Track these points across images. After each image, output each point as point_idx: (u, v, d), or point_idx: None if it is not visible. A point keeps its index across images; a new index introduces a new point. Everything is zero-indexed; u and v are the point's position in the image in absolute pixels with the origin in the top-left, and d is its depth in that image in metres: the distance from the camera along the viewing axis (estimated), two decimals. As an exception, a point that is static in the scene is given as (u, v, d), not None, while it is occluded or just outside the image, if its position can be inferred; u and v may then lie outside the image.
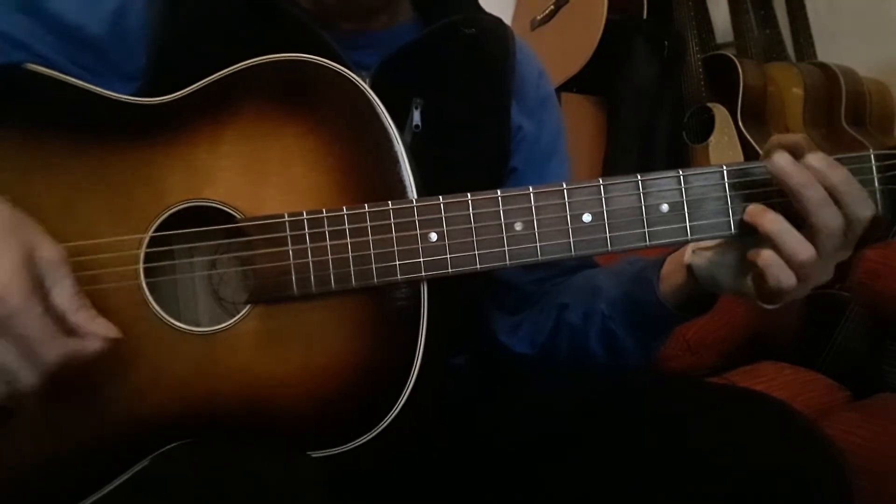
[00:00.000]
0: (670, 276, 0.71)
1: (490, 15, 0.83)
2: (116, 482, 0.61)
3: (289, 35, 0.71)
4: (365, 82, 0.65)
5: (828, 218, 0.58)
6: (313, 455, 0.61)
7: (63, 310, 0.57)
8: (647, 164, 1.86)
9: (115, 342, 0.58)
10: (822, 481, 0.59)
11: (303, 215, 0.62)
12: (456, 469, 0.74)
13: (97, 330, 0.57)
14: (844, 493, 0.59)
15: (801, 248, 0.58)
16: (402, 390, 0.61)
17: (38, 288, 0.56)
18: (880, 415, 1.16)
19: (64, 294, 0.57)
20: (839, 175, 0.59)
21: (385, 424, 0.61)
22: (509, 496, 0.71)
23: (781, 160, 0.59)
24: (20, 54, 0.68)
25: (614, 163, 1.88)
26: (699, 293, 0.69)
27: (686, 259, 0.69)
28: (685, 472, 0.60)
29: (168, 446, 0.61)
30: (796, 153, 0.60)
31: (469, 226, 0.62)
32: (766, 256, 0.60)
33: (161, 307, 0.63)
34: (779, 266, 0.59)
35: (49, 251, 0.57)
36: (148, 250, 0.63)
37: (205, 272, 0.69)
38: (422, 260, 0.62)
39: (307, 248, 0.62)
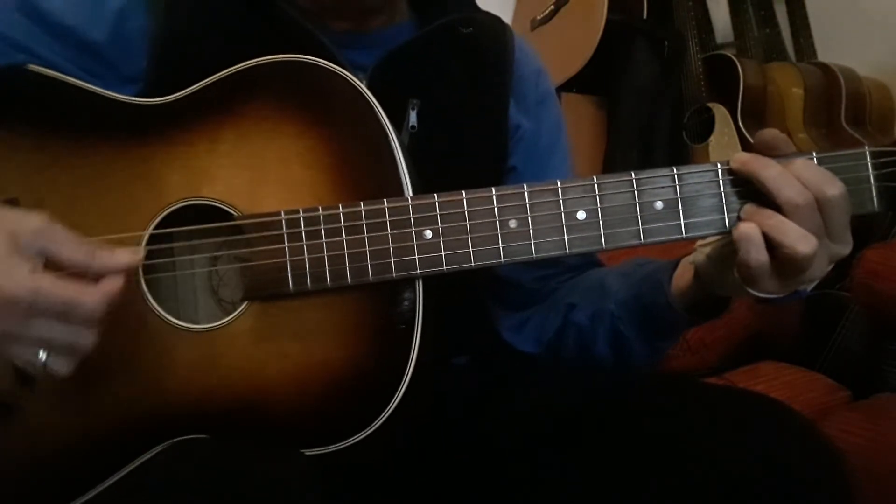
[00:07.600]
0: (680, 277, 0.71)
1: (488, 13, 0.83)
2: (110, 480, 0.61)
3: (286, 36, 0.71)
4: (362, 83, 0.65)
5: (792, 194, 0.58)
6: (306, 453, 0.61)
7: (80, 265, 0.56)
8: (647, 165, 1.82)
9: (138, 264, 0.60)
10: (822, 481, 0.59)
11: (299, 213, 0.62)
12: (455, 468, 0.74)
13: (122, 262, 0.58)
14: (844, 494, 0.59)
15: (802, 241, 0.58)
16: (397, 389, 0.61)
17: (40, 262, 0.55)
18: (880, 415, 1.16)
19: (69, 252, 0.56)
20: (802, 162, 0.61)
21: (379, 423, 0.61)
22: (509, 495, 0.71)
23: (742, 155, 0.61)
24: (21, 56, 0.68)
25: (614, 163, 1.88)
26: (708, 295, 0.69)
27: (691, 257, 0.69)
28: (685, 472, 0.60)
29: (164, 443, 0.61)
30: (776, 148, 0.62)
31: (464, 223, 0.62)
32: (742, 228, 0.60)
33: (160, 306, 0.63)
34: (750, 239, 0.59)
35: (30, 223, 0.56)
36: (147, 247, 0.64)
37: (203, 270, 0.69)
38: (417, 257, 0.62)
39: (303, 245, 0.62)
